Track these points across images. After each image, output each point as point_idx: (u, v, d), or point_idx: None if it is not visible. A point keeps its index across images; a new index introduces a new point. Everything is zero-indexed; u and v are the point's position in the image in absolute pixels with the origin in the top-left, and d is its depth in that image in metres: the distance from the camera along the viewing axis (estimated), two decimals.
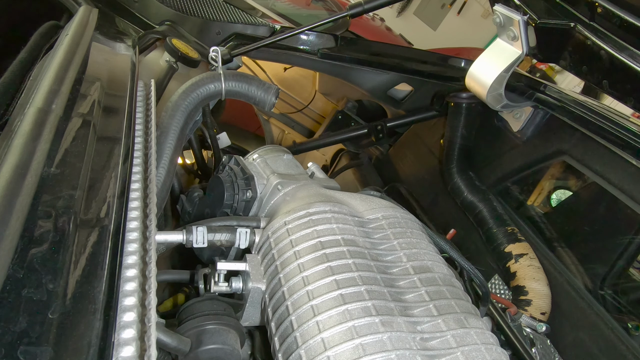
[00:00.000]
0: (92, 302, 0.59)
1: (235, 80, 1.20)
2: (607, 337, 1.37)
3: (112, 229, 0.72)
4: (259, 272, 0.97)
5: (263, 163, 1.32)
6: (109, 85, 1.10)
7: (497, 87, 1.66)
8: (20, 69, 1.07)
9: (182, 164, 1.93)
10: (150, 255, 0.74)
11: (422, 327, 0.86)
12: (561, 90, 1.71)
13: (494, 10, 1.58)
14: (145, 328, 0.63)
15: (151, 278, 0.70)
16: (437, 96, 2.19)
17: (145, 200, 0.86)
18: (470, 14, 8.65)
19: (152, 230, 0.79)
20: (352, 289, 0.87)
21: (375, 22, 5.45)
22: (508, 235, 1.72)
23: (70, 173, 0.75)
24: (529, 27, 1.51)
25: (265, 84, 1.23)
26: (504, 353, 0.88)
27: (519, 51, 1.57)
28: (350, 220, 1.06)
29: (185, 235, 1.00)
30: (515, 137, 1.87)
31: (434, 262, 1.03)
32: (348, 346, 0.78)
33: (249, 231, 1.06)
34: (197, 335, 0.86)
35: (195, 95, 1.16)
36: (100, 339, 0.56)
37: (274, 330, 0.88)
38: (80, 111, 0.90)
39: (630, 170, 1.42)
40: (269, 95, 1.22)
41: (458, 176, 1.94)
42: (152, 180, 0.91)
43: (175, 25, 1.88)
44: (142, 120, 1.09)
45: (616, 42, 1.27)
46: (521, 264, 1.63)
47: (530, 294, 1.56)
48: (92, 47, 1.12)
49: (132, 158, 0.94)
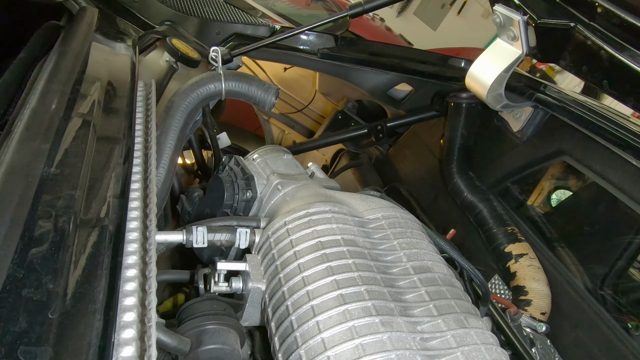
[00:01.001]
0: (92, 302, 0.59)
1: (235, 80, 1.20)
2: (607, 337, 1.37)
3: (112, 229, 0.72)
4: (259, 272, 0.97)
5: (263, 163, 1.32)
6: (109, 85, 1.10)
7: (497, 87, 1.66)
8: (20, 69, 1.07)
9: (182, 164, 1.93)
10: (150, 255, 0.74)
11: (422, 327, 0.86)
12: (561, 90, 1.71)
13: (494, 10, 1.58)
14: (145, 328, 0.63)
15: (151, 278, 0.70)
16: (437, 96, 2.18)
17: (145, 200, 0.86)
18: (470, 14, 8.65)
19: (152, 230, 0.79)
20: (352, 289, 0.87)
21: (375, 22, 5.46)
22: (508, 235, 1.72)
23: (70, 173, 0.75)
24: (529, 27, 1.51)
25: (265, 84, 1.23)
26: (504, 353, 0.88)
27: (519, 51, 1.57)
28: (350, 220, 1.06)
29: (185, 235, 1.00)
30: (515, 137, 1.87)
31: (434, 262, 1.03)
32: (348, 346, 0.78)
33: (249, 231, 1.06)
34: (197, 335, 0.86)
35: (195, 95, 1.16)
36: (100, 339, 0.56)
37: (274, 330, 0.88)
38: (80, 111, 0.90)
39: (630, 170, 1.41)
40: (269, 95, 1.22)
41: (458, 176, 1.94)
42: (152, 180, 0.91)
43: (175, 25, 1.88)
44: (142, 120, 1.09)
45: (616, 42, 1.27)
46: (521, 264, 1.63)
47: (530, 294, 1.56)
48: (92, 47, 1.12)
49: (132, 158, 0.94)
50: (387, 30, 5.45)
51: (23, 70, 1.07)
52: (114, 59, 1.27)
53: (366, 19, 5.12)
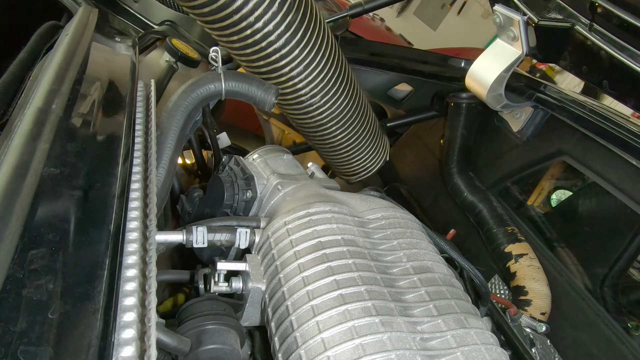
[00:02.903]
0: (92, 302, 0.59)
1: (235, 80, 1.20)
2: (607, 337, 1.37)
3: (112, 229, 0.72)
4: (259, 272, 0.97)
5: (263, 163, 1.32)
6: (109, 85, 1.10)
7: (497, 87, 1.66)
8: (20, 69, 1.07)
9: (182, 164, 1.93)
10: (150, 255, 0.74)
11: (422, 327, 0.86)
12: (561, 90, 1.71)
13: (494, 10, 1.58)
14: (145, 328, 0.63)
15: (151, 278, 0.70)
16: (437, 96, 2.19)
17: (145, 200, 0.86)
18: (470, 14, 8.65)
19: (152, 230, 0.79)
20: (352, 289, 0.87)
21: (375, 22, 5.45)
22: (508, 235, 1.72)
23: (70, 173, 0.75)
24: (529, 27, 1.51)
25: (265, 84, 1.23)
26: (504, 353, 0.88)
27: (519, 51, 1.57)
28: (351, 220, 1.06)
29: (185, 235, 1.00)
30: (515, 137, 1.87)
31: (434, 262, 1.03)
32: (348, 346, 0.78)
33: (249, 231, 1.06)
34: (197, 335, 0.86)
35: (195, 95, 1.16)
36: (100, 339, 0.56)
37: (274, 330, 0.88)
38: (80, 111, 0.90)
39: (630, 170, 1.41)
40: (269, 95, 1.22)
41: (458, 176, 1.94)
42: (152, 180, 0.91)
43: (175, 25, 1.88)
44: (142, 120, 1.09)
45: (616, 42, 1.27)
46: (521, 264, 1.63)
47: (530, 294, 1.56)
48: (92, 47, 1.12)
49: (132, 158, 0.94)
50: (387, 30, 5.45)
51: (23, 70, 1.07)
52: (114, 59, 1.27)
53: (366, 19, 5.12)
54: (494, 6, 1.59)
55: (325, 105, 1.46)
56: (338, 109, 1.49)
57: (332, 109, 1.48)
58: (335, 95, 1.45)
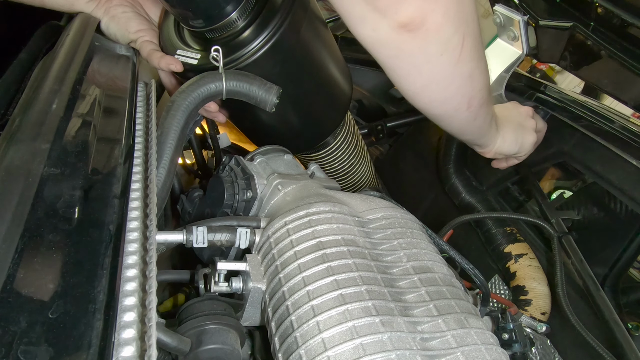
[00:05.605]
0: (92, 302, 0.59)
1: (236, 79, 1.19)
2: (607, 337, 1.37)
3: (112, 229, 0.72)
4: (259, 272, 0.97)
5: (263, 163, 1.32)
6: (110, 86, 1.10)
7: (497, 87, 1.66)
8: (20, 69, 1.07)
9: (182, 164, 1.93)
10: (150, 255, 0.74)
11: (422, 327, 0.86)
12: (561, 90, 1.71)
13: (494, 10, 1.59)
14: (145, 328, 0.63)
15: (151, 278, 0.70)
16: None
17: (146, 200, 0.86)
18: None
19: (153, 230, 0.79)
20: (352, 289, 0.86)
21: None
22: (507, 235, 1.72)
23: (70, 173, 0.75)
24: (529, 27, 1.51)
25: (266, 83, 1.22)
26: (504, 353, 0.88)
27: (519, 51, 1.57)
28: (351, 220, 1.06)
29: (185, 235, 1.00)
30: None
31: (434, 262, 1.03)
32: (348, 346, 0.78)
33: (249, 231, 1.06)
34: (197, 335, 0.86)
35: (196, 95, 1.16)
36: (100, 339, 0.56)
37: (274, 330, 0.88)
38: (80, 111, 0.90)
39: (630, 171, 1.41)
40: (270, 95, 1.21)
41: (455, 176, 1.94)
42: (153, 180, 0.91)
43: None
44: (143, 120, 1.09)
45: (616, 42, 1.27)
46: (521, 264, 1.63)
47: (530, 293, 1.56)
48: (92, 47, 1.12)
49: (132, 158, 0.94)
50: None
51: (23, 70, 1.07)
52: (115, 59, 1.27)
53: None
54: (494, 6, 1.59)
55: (345, 170, 1.88)
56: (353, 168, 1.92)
57: (350, 170, 1.89)
58: (354, 165, 1.88)
